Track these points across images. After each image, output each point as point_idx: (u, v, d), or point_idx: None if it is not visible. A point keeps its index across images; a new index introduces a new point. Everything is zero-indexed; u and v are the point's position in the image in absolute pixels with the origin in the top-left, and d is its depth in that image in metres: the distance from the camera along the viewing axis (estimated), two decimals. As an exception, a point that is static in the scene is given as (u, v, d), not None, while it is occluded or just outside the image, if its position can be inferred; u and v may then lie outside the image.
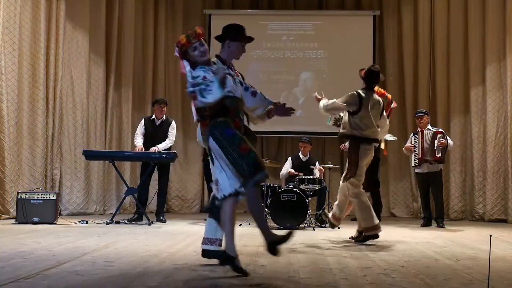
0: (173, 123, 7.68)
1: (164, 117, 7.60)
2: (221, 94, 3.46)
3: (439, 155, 7.38)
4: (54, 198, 6.80)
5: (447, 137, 7.62)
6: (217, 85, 3.46)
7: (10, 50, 7.41)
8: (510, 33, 8.57)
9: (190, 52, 3.60)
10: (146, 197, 7.56)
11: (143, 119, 7.71)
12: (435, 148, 7.39)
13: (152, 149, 7.23)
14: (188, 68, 3.59)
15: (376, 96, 5.50)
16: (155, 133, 7.49)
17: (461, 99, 9.34)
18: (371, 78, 5.46)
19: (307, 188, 7.02)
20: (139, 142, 7.39)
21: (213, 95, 3.44)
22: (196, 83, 3.48)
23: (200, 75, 3.48)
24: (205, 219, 4.03)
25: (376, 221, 5.30)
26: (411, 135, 7.89)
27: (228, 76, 3.56)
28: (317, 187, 7.06)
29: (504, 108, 8.68)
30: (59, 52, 8.15)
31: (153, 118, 7.60)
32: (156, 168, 7.44)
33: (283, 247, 3.50)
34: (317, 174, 7.61)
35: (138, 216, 7.21)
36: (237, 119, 3.59)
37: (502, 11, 8.77)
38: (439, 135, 7.44)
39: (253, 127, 3.82)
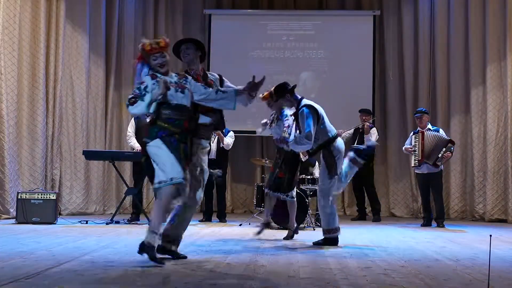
0: None
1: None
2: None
3: (439, 163, 7.30)
4: (54, 198, 6.80)
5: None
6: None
7: (9, 50, 7.41)
8: (510, 33, 8.55)
9: (151, 60, 4.01)
10: (141, 197, 7.65)
11: (133, 118, 7.36)
12: (439, 155, 7.24)
13: None
14: (145, 70, 3.99)
15: None
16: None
17: (461, 99, 9.32)
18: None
19: (307, 188, 7.01)
20: (135, 142, 7.25)
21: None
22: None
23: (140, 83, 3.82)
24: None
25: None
26: (411, 133, 7.79)
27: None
28: (317, 187, 7.04)
29: (504, 108, 8.67)
30: (59, 52, 8.14)
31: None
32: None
33: None
34: (316, 174, 7.59)
35: (136, 216, 7.18)
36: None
37: (502, 11, 8.75)
38: (449, 145, 7.27)
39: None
